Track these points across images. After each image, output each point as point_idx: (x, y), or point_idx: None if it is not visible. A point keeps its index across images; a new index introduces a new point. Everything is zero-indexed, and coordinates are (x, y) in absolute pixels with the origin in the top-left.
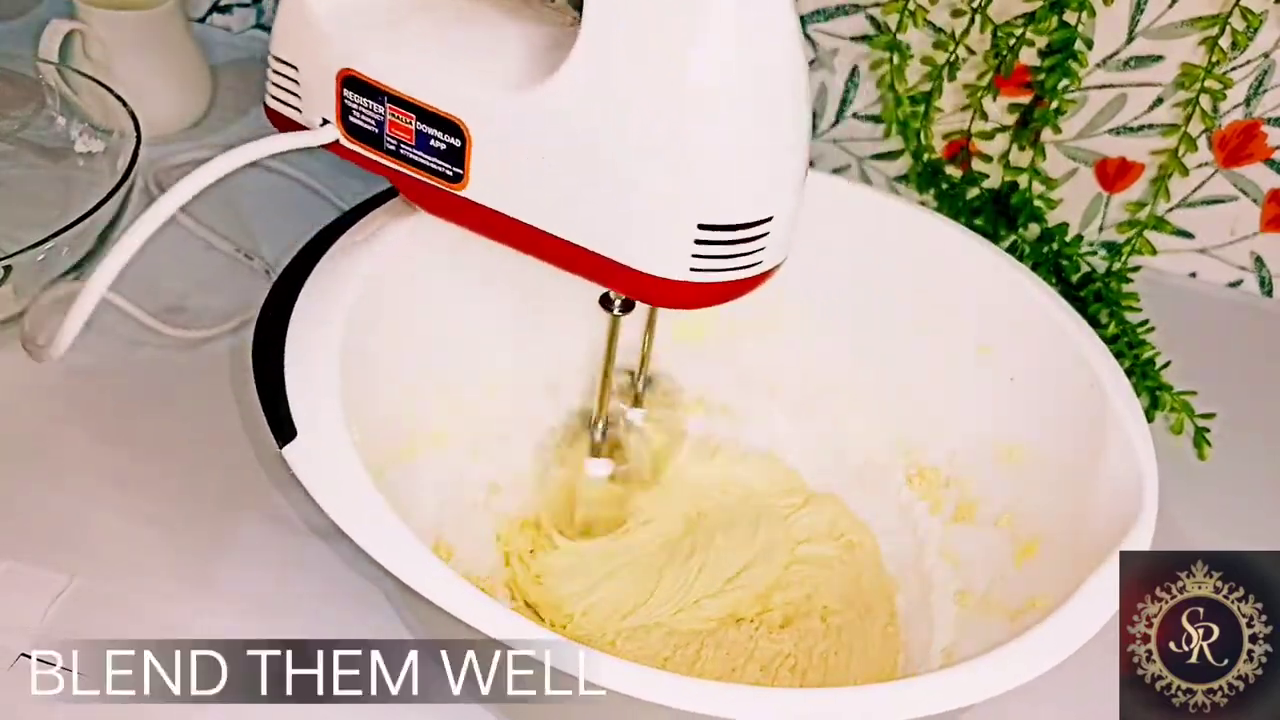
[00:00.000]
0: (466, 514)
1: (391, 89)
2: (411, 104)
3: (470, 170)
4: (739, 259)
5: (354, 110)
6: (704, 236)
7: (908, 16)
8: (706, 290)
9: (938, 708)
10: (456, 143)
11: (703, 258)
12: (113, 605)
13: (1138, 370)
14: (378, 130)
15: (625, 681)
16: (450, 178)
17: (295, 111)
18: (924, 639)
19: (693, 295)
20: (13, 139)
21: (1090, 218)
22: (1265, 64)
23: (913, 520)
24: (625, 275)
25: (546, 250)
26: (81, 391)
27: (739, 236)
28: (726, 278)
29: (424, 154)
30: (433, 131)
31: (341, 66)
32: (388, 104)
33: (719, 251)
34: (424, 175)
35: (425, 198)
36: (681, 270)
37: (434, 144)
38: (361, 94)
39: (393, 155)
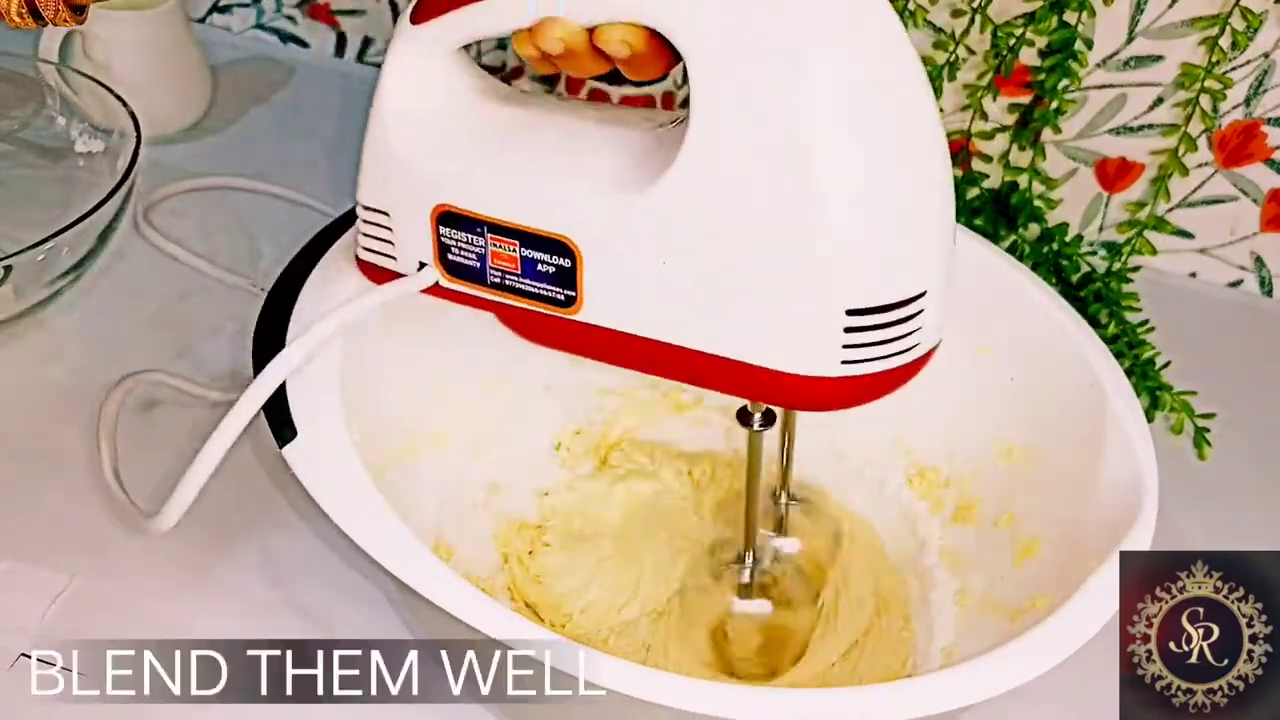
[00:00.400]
0: (466, 514)
1: (490, 218)
2: (513, 229)
3: (584, 291)
4: (894, 344)
5: (452, 247)
6: (853, 323)
7: (907, 17)
8: (860, 385)
9: (938, 708)
10: (566, 263)
11: (854, 347)
12: (113, 605)
13: (1138, 370)
14: (479, 264)
15: (625, 681)
16: (562, 302)
17: (390, 260)
18: (924, 639)
19: (845, 393)
20: (13, 139)
21: (1090, 218)
22: (1265, 64)
23: (912, 520)
24: (768, 381)
25: (676, 366)
26: (82, 391)
27: (891, 319)
28: (882, 367)
29: (532, 281)
30: (539, 255)
31: (436, 203)
32: (488, 234)
33: (871, 338)
34: (533, 304)
35: (536, 328)
36: (832, 365)
37: (542, 268)
38: (459, 228)
39: (498, 288)
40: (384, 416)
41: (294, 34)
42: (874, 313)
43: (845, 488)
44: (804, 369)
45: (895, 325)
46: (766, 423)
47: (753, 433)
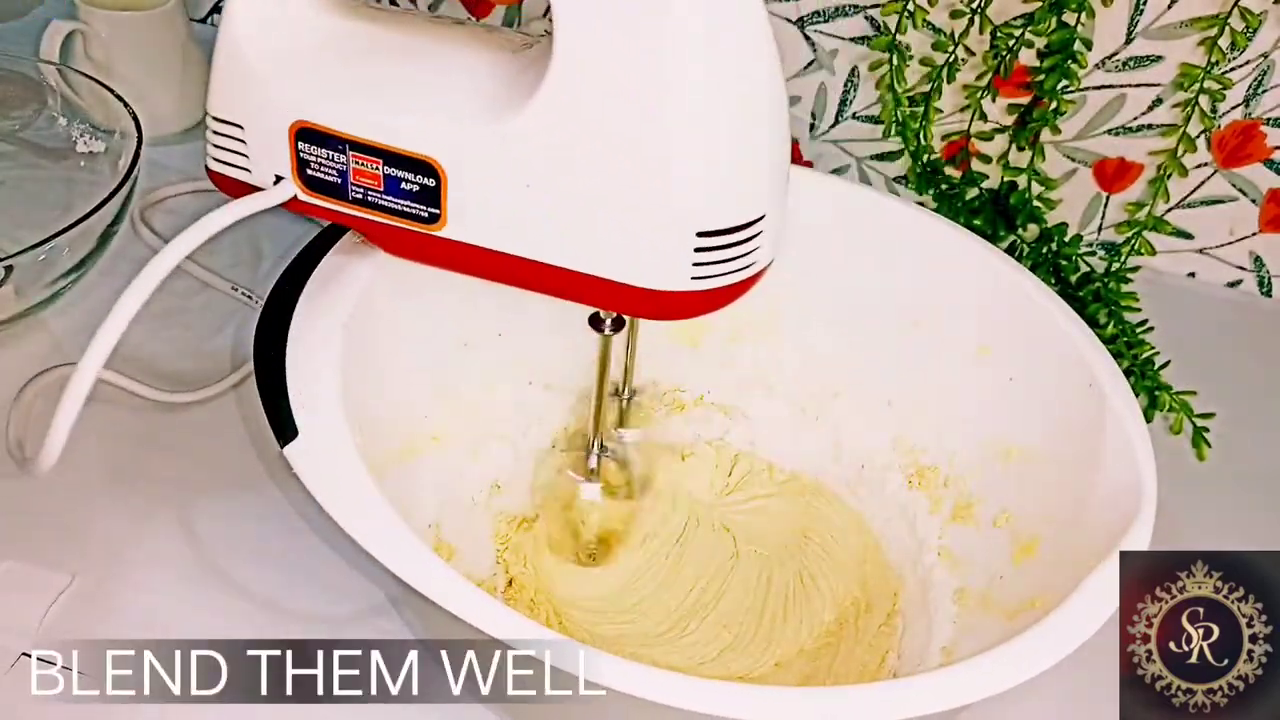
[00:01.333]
0: (466, 514)
1: (353, 136)
2: (377, 149)
3: (447, 209)
4: (737, 261)
5: (311, 163)
6: (703, 244)
7: (907, 17)
8: (706, 297)
9: (938, 706)
10: (431, 183)
11: (703, 265)
12: (113, 605)
13: (1137, 370)
14: (340, 180)
15: (625, 681)
16: (426, 219)
17: (243, 172)
18: (922, 638)
19: (693, 304)
20: (14, 139)
21: (1089, 218)
22: (1264, 64)
23: (911, 520)
24: (623, 294)
25: (534, 279)
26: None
27: (735, 239)
28: (727, 281)
29: (395, 198)
30: (403, 174)
31: (294, 119)
32: (350, 152)
33: (718, 257)
34: (396, 220)
35: (398, 243)
36: (683, 280)
37: (405, 186)
38: (319, 145)
39: (359, 204)
40: (385, 416)
41: None
42: (720, 234)
43: (845, 487)
44: (658, 284)
45: (738, 245)
46: (616, 328)
47: (604, 337)
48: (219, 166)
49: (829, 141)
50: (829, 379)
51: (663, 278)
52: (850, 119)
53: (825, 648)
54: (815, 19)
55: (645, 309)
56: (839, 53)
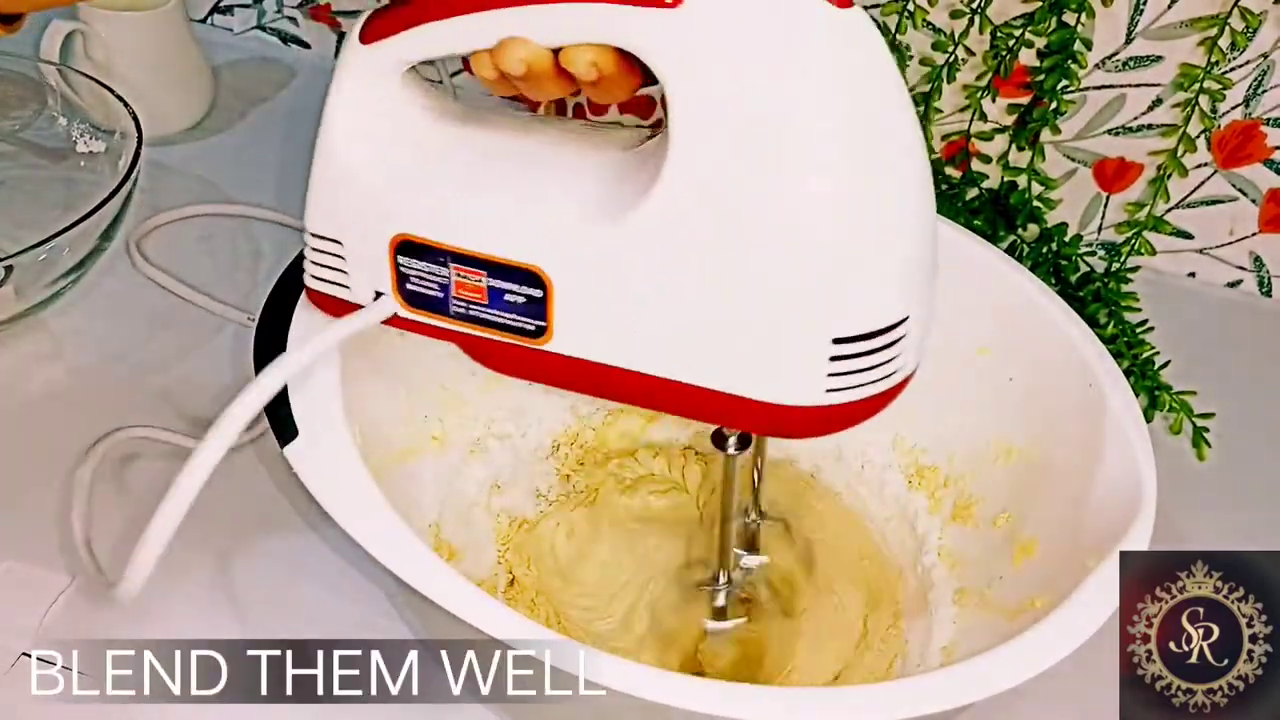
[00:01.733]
0: (466, 514)
1: (454, 248)
2: (480, 259)
3: (555, 321)
4: (877, 369)
5: (412, 278)
6: (839, 351)
7: (907, 18)
8: (843, 412)
9: (938, 706)
10: (537, 294)
11: (839, 375)
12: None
13: (1137, 370)
14: (442, 294)
15: (625, 681)
16: (532, 333)
17: (342, 289)
18: (922, 638)
19: (827, 420)
20: (14, 139)
21: (1089, 218)
22: (1264, 64)
23: (911, 520)
24: (749, 410)
25: (654, 396)
26: (82, 391)
27: (876, 345)
28: (866, 394)
29: (499, 312)
30: (507, 286)
31: (394, 233)
32: (452, 264)
33: (856, 365)
34: (501, 334)
35: (503, 359)
36: (816, 394)
37: (510, 299)
38: (420, 258)
39: (462, 319)
40: (385, 417)
41: (295, 35)
42: (860, 340)
43: (845, 487)
44: (788, 399)
45: (880, 351)
46: (742, 446)
47: (728, 456)
48: (317, 284)
49: None
50: None
51: (794, 391)
52: None
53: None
54: None
55: (773, 426)
56: None
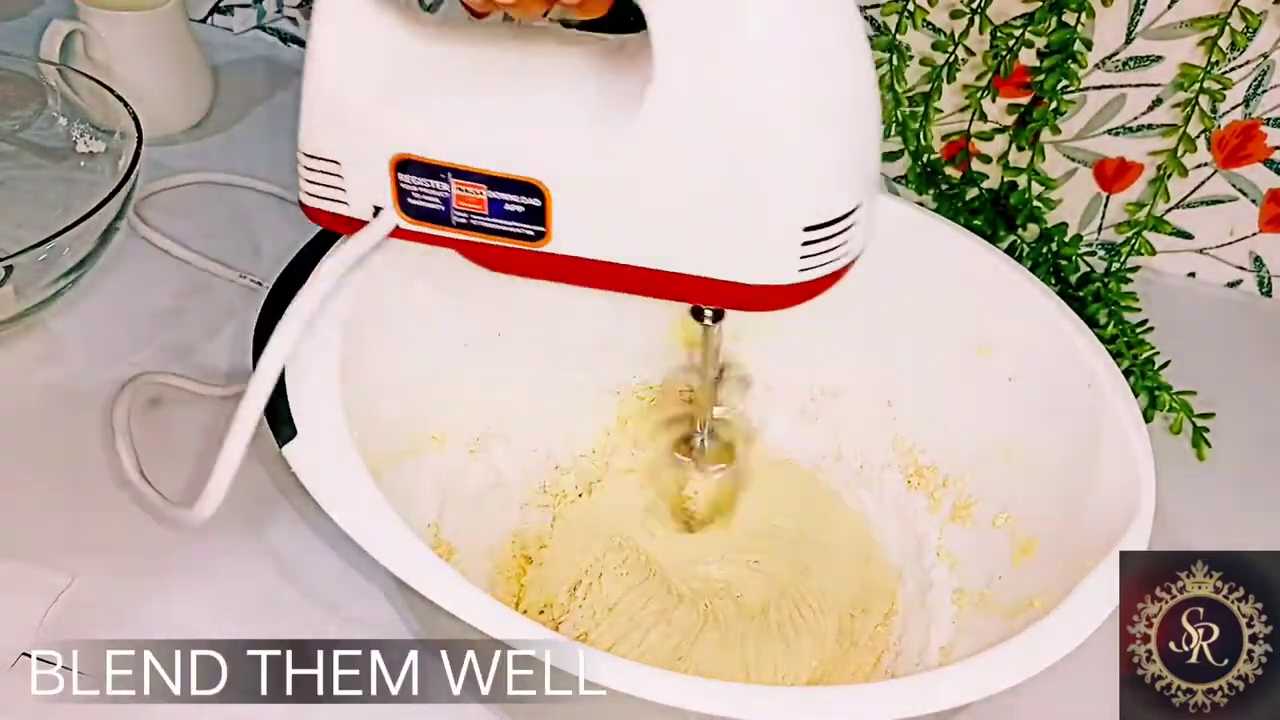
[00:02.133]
0: (466, 514)
1: (455, 164)
2: (480, 174)
3: (553, 226)
4: (837, 250)
5: (413, 193)
6: (809, 238)
7: (907, 18)
8: (808, 287)
9: (937, 706)
10: (536, 203)
11: (809, 257)
12: (113, 605)
13: (1136, 370)
14: (444, 207)
15: (625, 681)
16: (531, 237)
17: (340, 205)
18: (921, 638)
19: (795, 295)
20: (14, 139)
21: (1089, 218)
22: (1264, 64)
23: (911, 520)
24: (730, 291)
25: (641, 285)
26: (82, 391)
27: (838, 229)
28: (828, 270)
29: (501, 219)
30: (507, 196)
31: (394, 152)
32: (452, 179)
33: (823, 248)
34: (501, 240)
35: (502, 260)
36: (790, 273)
37: (510, 208)
38: (421, 175)
39: (464, 228)
40: (384, 416)
41: (295, 35)
42: (826, 226)
43: (844, 487)
44: (766, 279)
45: (841, 234)
46: (717, 318)
47: (706, 328)
48: (314, 201)
49: None
50: (829, 379)
51: (771, 272)
52: None
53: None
54: None
55: (750, 303)
56: None
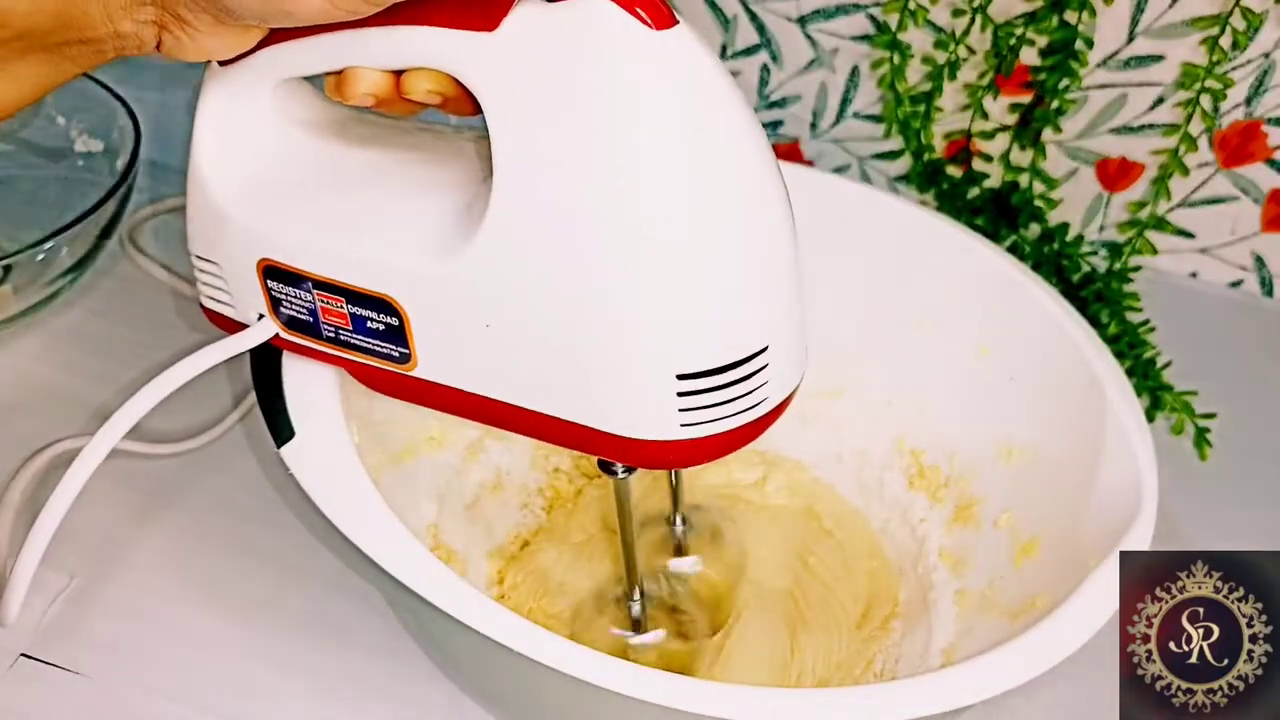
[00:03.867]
0: (466, 515)
1: (311, 274)
2: (337, 286)
3: (415, 348)
4: (736, 403)
5: (283, 301)
6: (686, 387)
7: (908, 16)
8: (705, 444)
9: (938, 707)
10: (394, 321)
11: (692, 410)
12: (113, 606)
13: (1138, 370)
14: (312, 319)
15: (624, 682)
16: (398, 359)
17: (230, 309)
18: (923, 639)
19: (690, 452)
20: (12, 139)
21: (1091, 217)
22: (1266, 64)
23: (912, 520)
24: (609, 442)
25: (519, 424)
26: (82, 391)
27: (729, 379)
28: (726, 426)
29: (364, 337)
30: (367, 313)
31: (260, 256)
32: (315, 290)
33: (710, 400)
34: (371, 360)
35: (381, 382)
36: (670, 429)
37: (371, 325)
38: (286, 283)
39: (334, 343)
40: (383, 417)
41: None
42: (708, 375)
43: (845, 487)
44: (641, 433)
45: (735, 385)
46: (629, 470)
47: (617, 480)
48: (210, 304)
49: (830, 141)
50: (830, 379)
51: (647, 426)
52: (851, 118)
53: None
54: (816, 17)
55: (634, 457)
56: (840, 51)
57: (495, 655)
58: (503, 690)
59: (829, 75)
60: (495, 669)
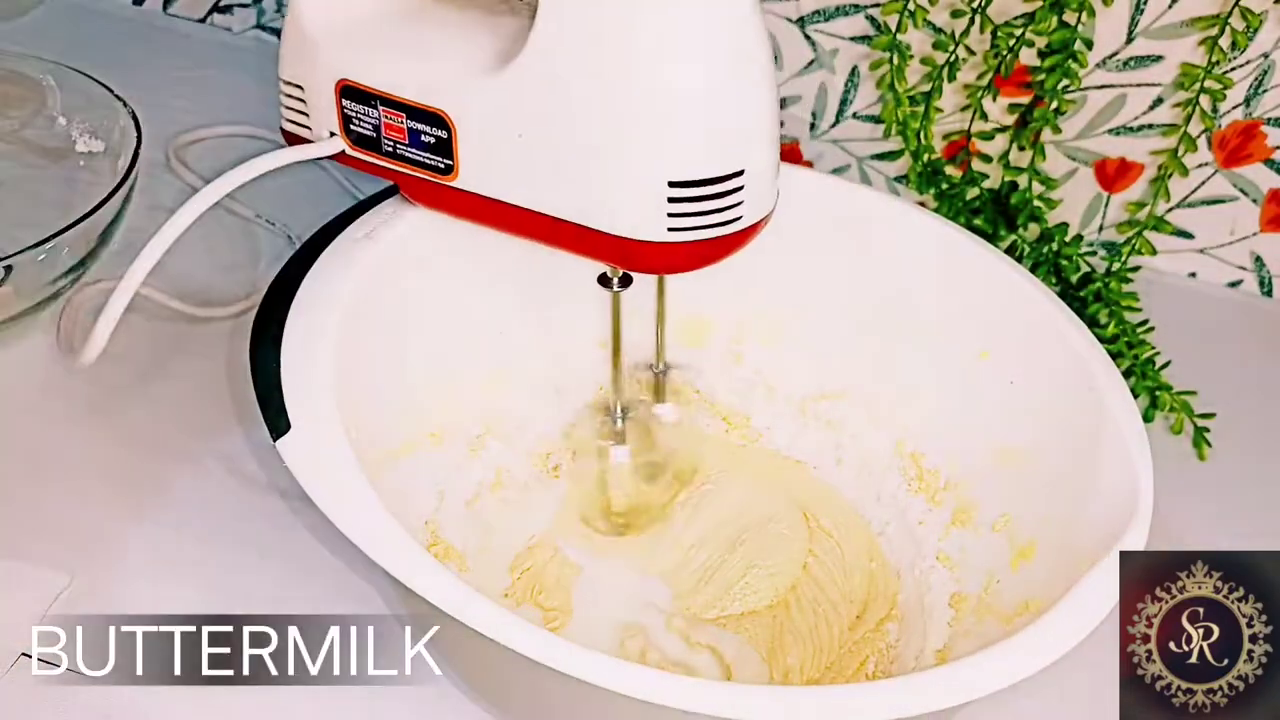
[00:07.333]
0: (465, 511)
1: (382, 91)
2: (400, 103)
3: (459, 159)
4: (715, 215)
5: (354, 118)
6: (676, 194)
7: (907, 17)
8: (688, 250)
9: (936, 705)
10: (443, 134)
11: (678, 216)
12: (113, 605)
13: (1137, 370)
14: (375, 135)
15: (624, 681)
16: (443, 170)
17: (305, 129)
18: (918, 642)
19: (675, 257)
20: (13, 139)
21: (1090, 218)
22: (1265, 64)
23: (911, 523)
24: (608, 244)
25: (536, 230)
26: (82, 391)
27: (711, 192)
28: (705, 235)
29: (417, 150)
30: (422, 127)
31: (339, 78)
32: (381, 107)
33: (694, 209)
34: (420, 171)
35: (424, 193)
36: (659, 231)
37: (424, 139)
38: (359, 101)
39: (391, 156)
40: (383, 412)
41: None
42: (694, 185)
43: (844, 489)
44: (635, 234)
45: (716, 199)
46: (624, 284)
47: (614, 293)
48: (288, 125)
49: (829, 141)
50: (830, 381)
51: (640, 228)
52: (850, 118)
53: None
54: (815, 18)
55: (630, 260)
56: (839, 52)
57: (492, 653)
58: (502, 687)
59: (828, 76)
60: (494, 667)
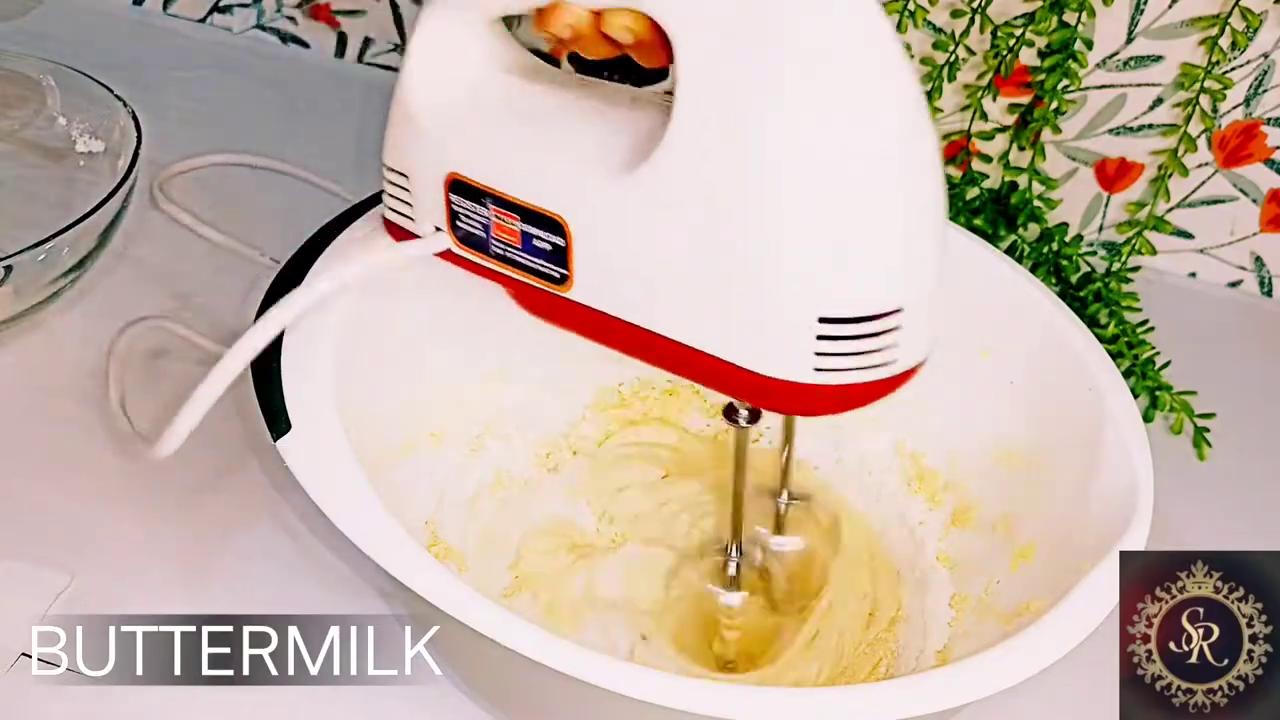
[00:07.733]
0: (465, 512)
1: (494, 190)
2: (513, 204)
3: (574, 269)
4: (869, 356)
5: (462, 215)
6: (826, 331)
7: (907, 17)
8: (836, 393)
9: (936, 706)
10: (560, 241)
11: (827, 355)
12: (113, 605)
13: (1137, 370)
14: (484, 234)
15: (624, 682)
16: (556, 279)
17: (409, 220)
18: (918, 642)
19: (821, 400)
20: (13, 139)
21: (1090, 218)
22: (1265, 64)
23: (911, 524)
24: (744, 379)
25: (660, 355)
26: (82, 391)
27: (866, 331)
28: (857, 379)
29: (529, 256)
30: (536, 231)
31: (449, 170)
32: (491, 206)
33: (845, 349)
34: (531, 279)
35: (536, 303)
36: (804, 371)
37: (538, 244)
38: (468, 198)
39: (500, 259)
40: (382, 412)
41: (294, 34)
42: (846, 323)
43: (844, 489)
44: (777, 372)
45: (870, 338)
46: (752, 419)
47: (739, 429)
48: (392, 215)
49: None
50: None
51: (783, 366)
52: None
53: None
54: None
55: (765, 398)
56: None
57: (492, 653)
58: (501, 687)
59: None
60: (493, 666)
